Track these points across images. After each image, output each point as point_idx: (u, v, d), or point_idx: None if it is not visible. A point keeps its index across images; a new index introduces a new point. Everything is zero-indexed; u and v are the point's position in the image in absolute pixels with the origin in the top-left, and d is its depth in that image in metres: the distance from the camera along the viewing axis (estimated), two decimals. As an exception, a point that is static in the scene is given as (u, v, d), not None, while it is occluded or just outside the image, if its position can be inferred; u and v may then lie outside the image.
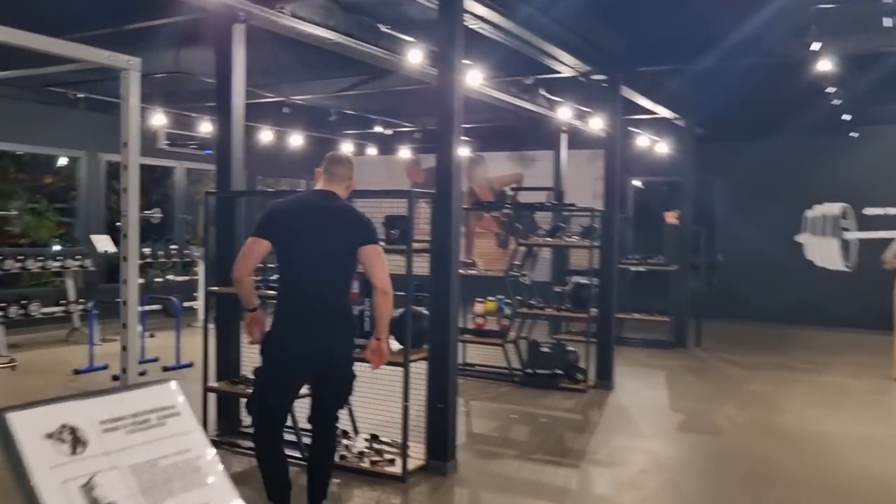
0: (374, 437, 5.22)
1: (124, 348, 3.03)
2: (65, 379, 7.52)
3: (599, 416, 6.78)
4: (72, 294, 9.51)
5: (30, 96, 9.51)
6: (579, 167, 13.57)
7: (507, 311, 7.99)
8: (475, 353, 8.52)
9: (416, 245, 4.91)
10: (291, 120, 11.44)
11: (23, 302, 8.89)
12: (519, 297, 8.11)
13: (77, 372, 7.69)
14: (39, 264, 9.31)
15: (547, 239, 8.07)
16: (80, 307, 9.35)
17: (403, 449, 4.76)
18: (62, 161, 12.02)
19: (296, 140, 12.59)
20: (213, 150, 12.40)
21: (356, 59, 7.46)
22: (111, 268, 12.09)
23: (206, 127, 11.07)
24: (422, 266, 5.05)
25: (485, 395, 7.43)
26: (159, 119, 10.26)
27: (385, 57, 6.73)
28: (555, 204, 8.38)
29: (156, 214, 10.83)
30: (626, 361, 8.78)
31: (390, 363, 4.40)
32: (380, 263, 3.83)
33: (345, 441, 5.17)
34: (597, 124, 9.70)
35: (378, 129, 11.51)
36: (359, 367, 4.04)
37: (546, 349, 7.94)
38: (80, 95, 9.01)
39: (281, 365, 3.83)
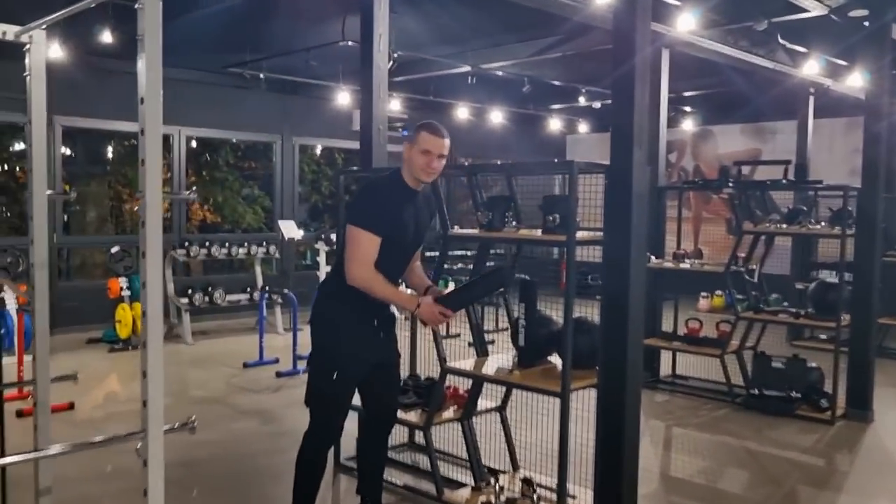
0: (528, 482, 4.06)
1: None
2: (231, 373, 7.14)
3: (851, 462, 5.09)
4: (259, 281, 9.26)
5: (213, 79, 9.35)
6: (832, 139, 11.32)
7: (740, 307, 6.41)
8: (687, 364, 7.04)
9: (583, 234, 3.68)
10: (484, 94, 10.46)
11: (209, 289, 8.74)
12: (743, 297, 6.50)
13: (246, 365, 7.30)
14: (244, 250, 9.16)
15: (782, 226, 6.36)
16: (268, 295, 9.05)
17: (562, 498, 3.58)
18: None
19: (495, 117, 11.59)
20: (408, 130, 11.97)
21: (544, 16, 6.31)
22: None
23: (395, 105, 10.41)
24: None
25: (694, 420, 5.97)
26: (345, 98, 9.71)
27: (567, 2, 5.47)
28: (792, 181, 6.61)
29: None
30: (891, 383, 6.83)
31: (545, 392, 3.54)
32: (349, 247, 3.22)
33: (493, 482, 4.08)
34: (855, 81, 7.67)
35: (581, 100, 10.18)
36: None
37: (779, 364, 6.28)
38: (260, 76, 8.65)
39: (361, 367, 3.38)
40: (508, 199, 4.03)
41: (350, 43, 7.55)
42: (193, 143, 12.02)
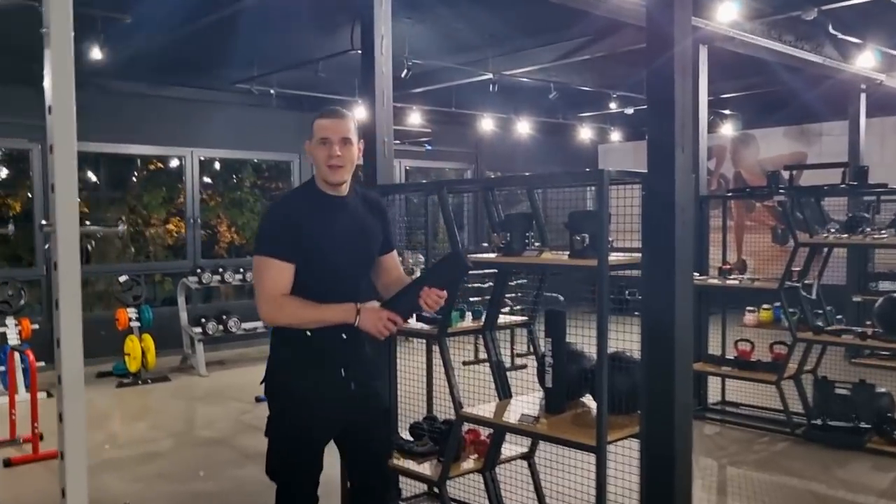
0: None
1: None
2: (242, 408, 6.65)
3: (937, 507, 4.42)
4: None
5: (224, 98, 8.93)
6: (884, 138, 10.57)
7: (790, 321, 5.75)
8: (738, 390, 6.39)
9: (618, 257, 3.12)
10: (509, 103, 9.94)
11: (223, 317, 8.29)
12: (794, 311, 5.84)
13: (258, 400, 6.81)
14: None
15: (842, 235, 5.69)
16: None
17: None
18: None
19: (522, 127, 11.04)
20: (431, 145, 11.49)
21: (568, 15, 5.80)
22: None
23: (415, 118, 9.92)
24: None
25: (750, 456, 5.32)
26: (361, 112, 9.21)
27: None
28: (852, 185, 5.94)
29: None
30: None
31: (577, 445, 2.98)
32: (254, 282, 2.71)
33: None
34: (914, 74, 7.00)
35: (612, 106, 9.58)
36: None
37: (843, 390, 5.61)
38: (271, 91, 8.21)
39: (325, 430, 2.79)
40: (529, 217, 3.47)
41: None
42: (217, 165, 11.69)
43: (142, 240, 11.60)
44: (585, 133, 11.90)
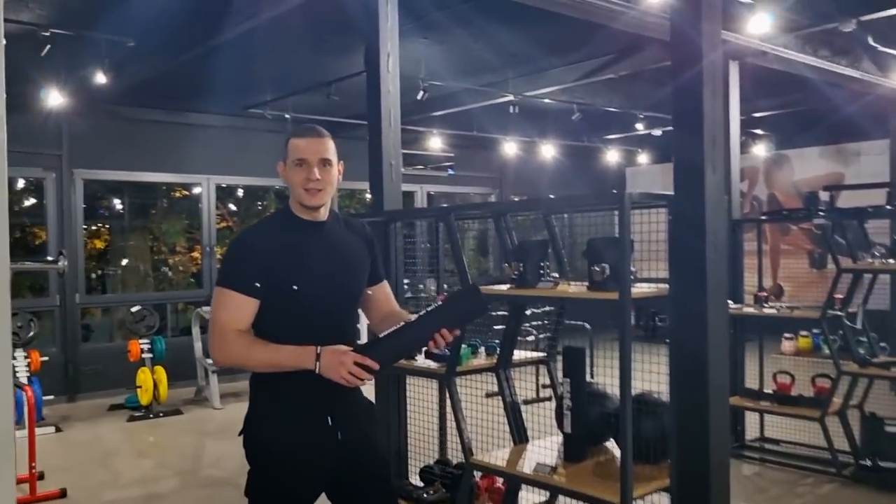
0: None
1: None
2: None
3: None
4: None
5: (240, 123, 8.76)
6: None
7: (831, 352, 5.35)
8: (779, 425, 5.97)
9: (642, 289, 2.80)
10: (532, 126, 9.66)
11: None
12: (840, 343, 5.43)
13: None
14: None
15: (888, 261, 5.29)
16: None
17: None
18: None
19: (546, 151, 10.75)
20: (454, 169, 11.24)
21: (590, 33, 5.54)
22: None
23: (435, 143, 9.69)
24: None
25: (793, 501, 4.91)
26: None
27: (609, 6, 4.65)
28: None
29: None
30: None
31: (599, 502, 2.62)
32: (210, 316, 2.37)
33: None
34: (959, 88, 6.60)
35: (639, 127, 9.26)
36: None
37: (894, 428, 5.18)
38: (286, 116, 8.02)
39: (309, 486, 2.42)
40: (544, 245, 3.17)
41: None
42: (241, 192, 11.55)
43: (163, 268, 11.47)
44: (612, 156, 11.57)
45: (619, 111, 8.93)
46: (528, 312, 3.74)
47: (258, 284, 2.28)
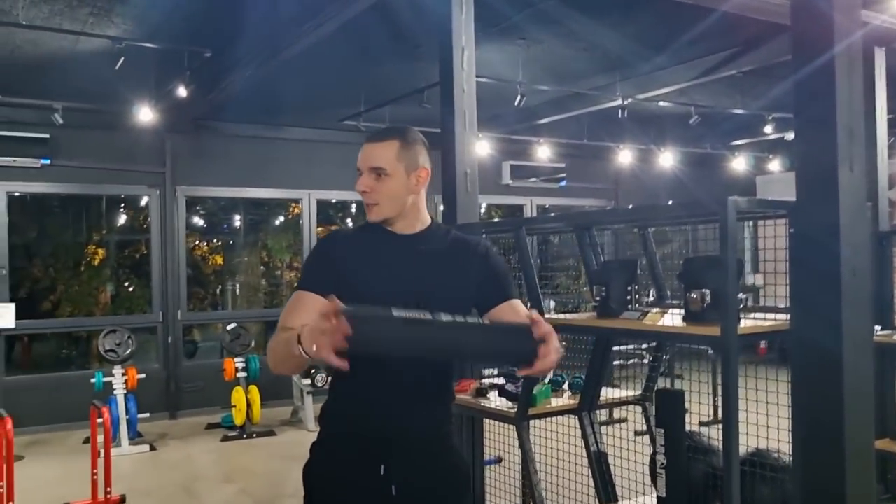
0: None
1: None
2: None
3: None
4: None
5: (336, 137, 8.54)
6: None
7: None
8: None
9: (755, 321, 2.20)
10: (648, 132, 8.95)
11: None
12: None
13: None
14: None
15: None
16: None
17: None
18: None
19: (665, 159, 9.98)
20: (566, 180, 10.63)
21: (707, 26, 4.91)
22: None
23: (544, 152, 9.14)
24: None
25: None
26: (483, 147, 8.58)
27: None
28: None
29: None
30: None
31: None
32: None
33: None
34: None
35: (768, 130, 8.35)
36: None
37: None
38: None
39: None
40: (630, 266, 2.61)
41: (481, 79, 6.44)
42: (353, 207, 11.45)
43: (269, 285, 11.49)
44: (739, 163, 10.62)
45: (744, 113, 8.09)
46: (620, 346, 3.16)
47: (326, 285, 1.90)
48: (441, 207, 3.94)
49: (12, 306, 6.59)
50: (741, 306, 2.13)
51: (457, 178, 3.56)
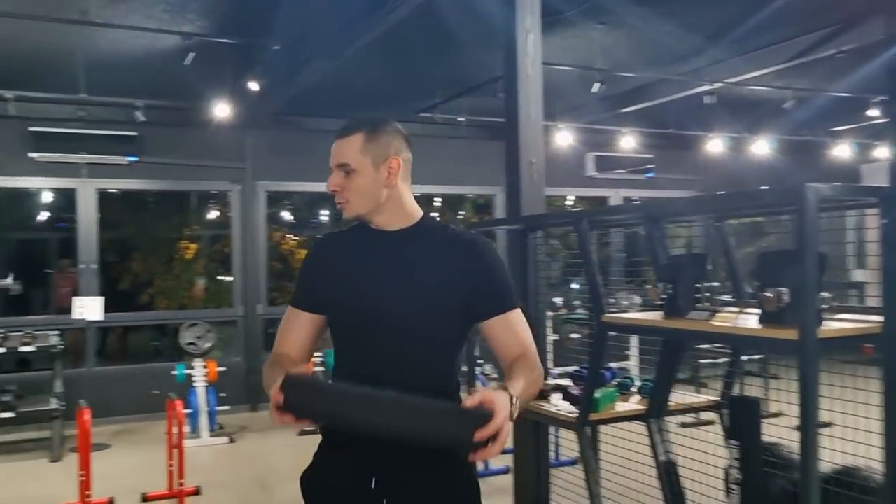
0: None
1: None
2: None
3: None
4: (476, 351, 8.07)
5: (411, 129, 8.42)
6: None
7: None
8: None
9: (842, 324, 1.95)
10: (740, 118, 8.47)
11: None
12: None
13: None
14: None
15: None
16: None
17: None
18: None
19: (759, 147, 9.46)
20: (653, 172, 10.23)
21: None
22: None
23: (627, 142, 8.80)
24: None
25: None
26: (565, 137, 8.34)
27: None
28: None
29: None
30: None
31: None
32: None
33: None
34: None
35: (873, 113, 7.77)
36: None
37: None
38: (459, 119, 7.56)
39: None
40: (699, 260, 2.38)
41: (560, 67, 6.23)
42: (437, 201, 11.40)
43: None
44: (842, 151, 9.97)
45: (847, 96, 7.55)
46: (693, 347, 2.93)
47: (314, 297, 1.95)
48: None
49: (101, 300, 6.79)
50: (825, 306, 1.89)
51: (521, 167, 3.38)
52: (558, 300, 6.48)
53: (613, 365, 3.34)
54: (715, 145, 9.27)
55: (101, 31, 5.42)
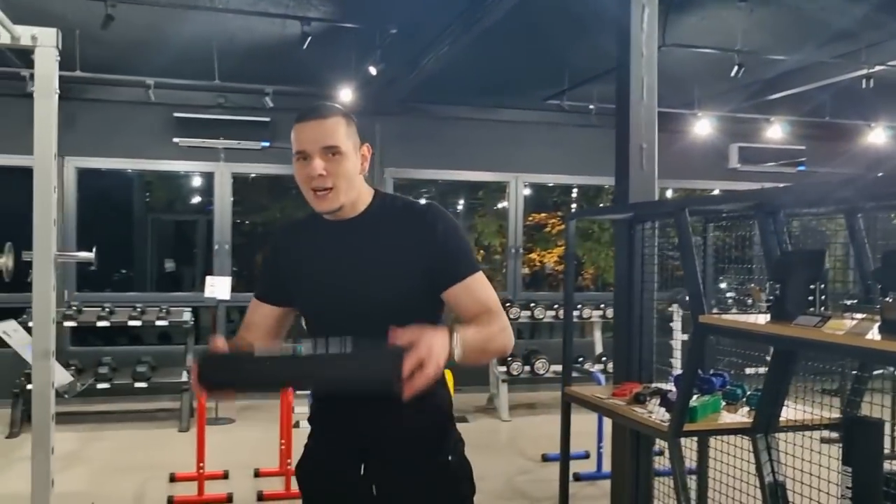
0: None
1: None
2: (524, 467, 5.78)
3: None
4: (598, 348, 7.80)
5: (537, 117, 8.21)
6: None
7: None
8: None
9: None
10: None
11: (530, 357, 7.53)
12: None
13: (545, 458, 5.87)
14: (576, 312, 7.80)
15: None
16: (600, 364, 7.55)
17: None
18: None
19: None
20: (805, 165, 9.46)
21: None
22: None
23: (774, 132, 8.16)
24: None
25: None
26: (704, 127, 7.83)
27: None
28: None
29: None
30: None
31: None
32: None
33: None
34: None
35: None
36: None
37: None
38: (590, 107, 7.25)
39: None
40: (816, 258, 2.06)
41: (699, 49, 5.83)
42: (574, 192, 11.16)
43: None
44: None
45: None
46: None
47: (276, 291, 1.95)
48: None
49: (228, 279, 7.04)
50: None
51: (630, 152, 3.13)
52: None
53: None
54: (877, 136, 8.43)
55: (231, 18, 5.57)
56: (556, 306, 7.72)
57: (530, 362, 7.49)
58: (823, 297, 1.99)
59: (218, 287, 6.80)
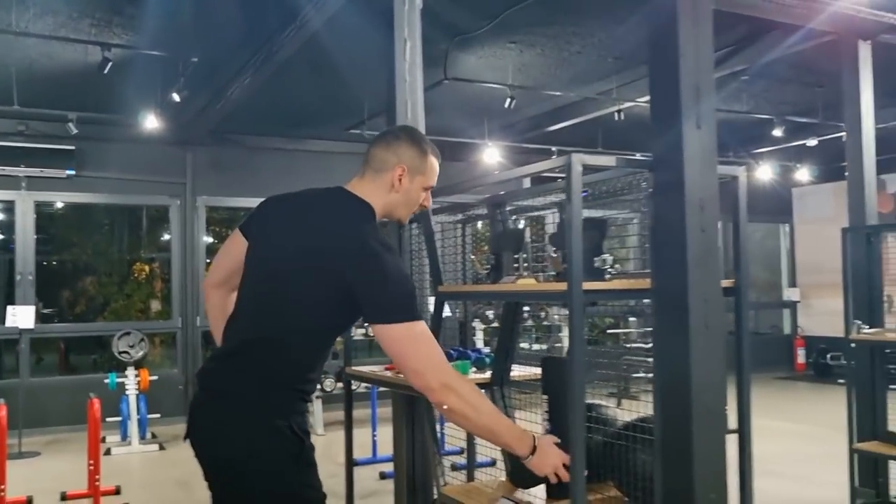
0: None
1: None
2: (332, 471, 6.12)
3: None
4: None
5: (343, 147, 8.73)
6: None
7: None
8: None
9: (610, 282, 2.23)
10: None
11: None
12: None
13: (356, 463, 6.23)
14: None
15: None
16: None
17: None
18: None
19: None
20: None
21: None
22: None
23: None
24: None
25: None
26: (492, 155, 8.64)
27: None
28: None
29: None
30: None
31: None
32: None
33: None
34: None
35: (777, 133, 8.14)
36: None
37: None
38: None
39: None
40: (517, 236, 2.66)
41: (479, 84, 6.52)
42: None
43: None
44: (764, 173, 10.23)
45: (755, 116, 7.95)
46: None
47: (250, 228, 2.22)
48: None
49: (32, 308, 6.92)
50: (601, 265, 2.16)
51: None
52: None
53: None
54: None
55: (32, 44, 5.59)
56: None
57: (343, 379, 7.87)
58: (527, 265, 2.57)
59: (21, 316, 6.68)
